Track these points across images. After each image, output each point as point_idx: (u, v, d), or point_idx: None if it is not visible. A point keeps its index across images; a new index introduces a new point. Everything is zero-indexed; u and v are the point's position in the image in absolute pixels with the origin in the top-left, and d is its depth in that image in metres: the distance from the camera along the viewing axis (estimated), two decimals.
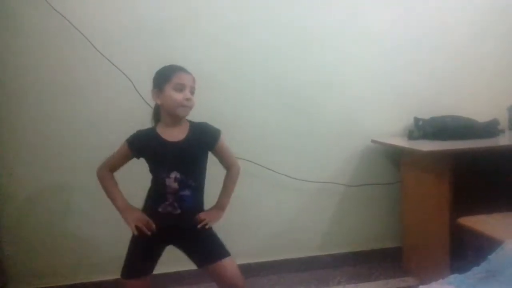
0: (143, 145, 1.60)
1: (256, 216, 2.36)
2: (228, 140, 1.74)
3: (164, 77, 1.56)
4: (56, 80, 2.08)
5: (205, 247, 1.62)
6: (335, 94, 2.38)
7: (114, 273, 2.11)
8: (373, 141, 2.38)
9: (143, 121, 2.13)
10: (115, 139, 2.21)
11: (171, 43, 2.16)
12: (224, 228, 1.69)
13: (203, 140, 1.62)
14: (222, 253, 1.62)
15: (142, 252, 1.60)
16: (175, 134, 1.58)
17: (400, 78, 2.45)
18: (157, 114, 1.66)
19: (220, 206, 1.68)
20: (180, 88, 1.54)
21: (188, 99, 1.55)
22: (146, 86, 1.65)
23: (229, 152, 1.70)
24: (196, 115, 1.71)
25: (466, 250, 1.72)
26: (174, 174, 1.54)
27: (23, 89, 2.07)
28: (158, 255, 1.65)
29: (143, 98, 2.06)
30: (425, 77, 2.48)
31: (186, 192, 1.56)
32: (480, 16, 2.51)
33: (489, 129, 2.22)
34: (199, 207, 1.64)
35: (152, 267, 1.64)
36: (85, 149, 2.11)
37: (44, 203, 2.13)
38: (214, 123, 1.66)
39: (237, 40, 2.24)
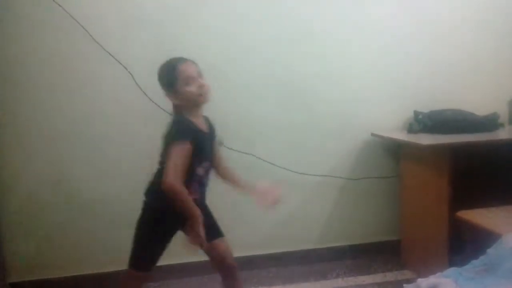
0: (193, 132, 1.50)
1: (255, 209, 2.35)
2: (227, 134, 1.73)
3: (171, 77, 1.51)
4: (55, 73, 2.06)
5: (211, 223, 1.61)
6: (335, 87, 2.37)
7: (114, 265, 2.12)
8: (372, 134, 2.38)
9: (143, 113, 2.14)
10: (115, 132, 2.20)
11: (171, 35, 2.14)
12: (224, 221, 1.69)
13: (215, 132, 1.66)
14: (221, 231, 1.65)
15: (163, 244, 1.56)
16: (202, 125, 1.56)
17: (400, 71, 2.44)
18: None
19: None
20: (190, 80, 1.49)
21: (201, 86, 1.51)
22: (146, 78, 1.63)
23: None
24: None
25: (464, 243, 1.73)
26: (205, 164, 1.55)
27: (22, 83, 2.05)
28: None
29: (142, 91, 2.05)
30: (425, 70, 2.46)
31: (208, 177, 1.61)
32: (481, 9, 2.49)
33: (489, 122, 2.22)
34: None
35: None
36: (85, 142, 2.10)
37: (44, 195, 2.13)
38: (213, 116, 1.65)
39: (238, 32, 2.22)
